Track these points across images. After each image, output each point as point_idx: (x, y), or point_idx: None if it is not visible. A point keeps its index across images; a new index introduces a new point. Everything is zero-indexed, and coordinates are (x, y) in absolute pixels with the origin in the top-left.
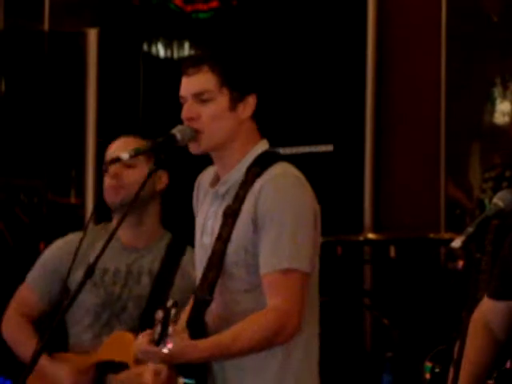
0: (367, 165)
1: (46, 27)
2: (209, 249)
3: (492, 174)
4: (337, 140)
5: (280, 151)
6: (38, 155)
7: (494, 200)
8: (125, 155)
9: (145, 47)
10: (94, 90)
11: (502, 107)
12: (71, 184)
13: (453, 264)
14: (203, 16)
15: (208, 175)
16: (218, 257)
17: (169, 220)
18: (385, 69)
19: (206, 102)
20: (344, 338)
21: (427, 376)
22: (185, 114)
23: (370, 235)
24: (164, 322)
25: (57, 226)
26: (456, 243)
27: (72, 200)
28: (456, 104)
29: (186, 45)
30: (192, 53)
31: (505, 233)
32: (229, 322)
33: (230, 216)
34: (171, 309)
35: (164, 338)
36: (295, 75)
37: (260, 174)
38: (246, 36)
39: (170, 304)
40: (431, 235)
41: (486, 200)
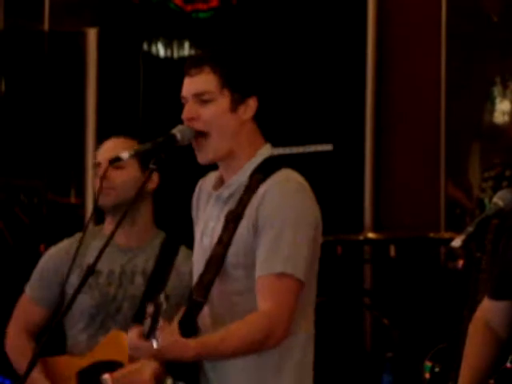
0: (367, 164)
1: (46, 27)
2: (208, 250)
3: (492, 174)
4: (337, 139)
5: (280, 151)
6: (38, 155)
7: (494, 199)
8: (125, 155)
9: (145, 47)
10: (94, 90)
11: (502, 106)
12: (71, 184)
13: (453, 263)
14: (203, 15)
15: (209, 181)
16: (217, 261)
17: (163, 219)
18: (385, 68)
19: (207, 103)
20: (344, 338)
21: (427, 375)
22: (185, 114)
23: (370, 235)
24: (154, 316)
25: (57, 226)
26: (456, 242)
27: (72, 200)
28: (456, 103)
29: (186, 44)
30: (192, 52)
31: (504, 232)
32: (226, 324)
33: (232, 221)
34: (162, 303)
35: (154, 332)
36: (295, 74)
37: (264, 180)
38: (246, 35)
39: (162, 298)
40: (431, 235)
41: (486, 199)
